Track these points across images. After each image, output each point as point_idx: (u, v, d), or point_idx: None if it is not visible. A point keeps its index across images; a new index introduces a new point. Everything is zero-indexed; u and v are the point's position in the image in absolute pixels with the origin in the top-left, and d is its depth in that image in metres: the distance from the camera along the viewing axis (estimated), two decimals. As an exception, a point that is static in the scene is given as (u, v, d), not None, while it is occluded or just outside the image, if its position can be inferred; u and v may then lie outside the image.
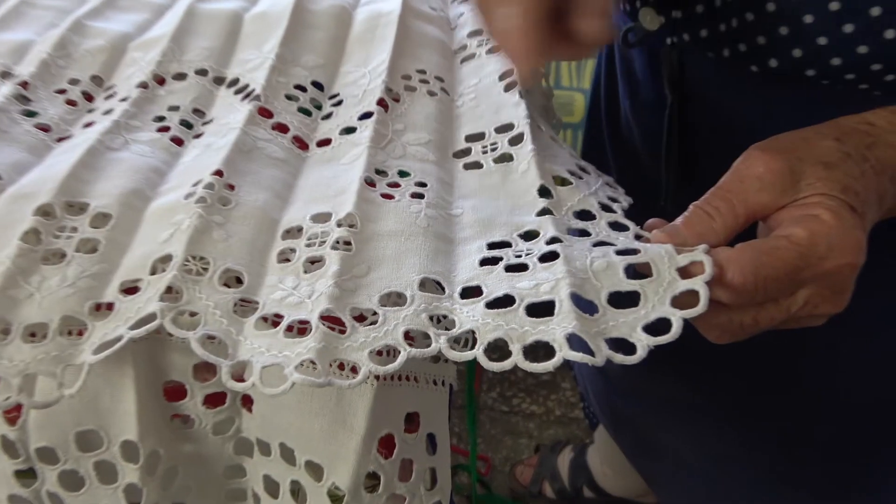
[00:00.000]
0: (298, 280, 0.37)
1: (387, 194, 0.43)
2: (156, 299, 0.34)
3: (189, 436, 0.39)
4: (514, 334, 0.33)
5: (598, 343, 0.32)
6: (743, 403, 0.73)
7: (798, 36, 0.48)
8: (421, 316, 0.35)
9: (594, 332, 0.32)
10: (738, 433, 0.75)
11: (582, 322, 0.32)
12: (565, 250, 0.37)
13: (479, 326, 0.33)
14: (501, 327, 0.33)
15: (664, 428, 0.84)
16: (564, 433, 1.33)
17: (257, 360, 0.33)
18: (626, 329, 0.33)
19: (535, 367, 0.31)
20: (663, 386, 0.79)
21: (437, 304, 0.35)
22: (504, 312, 0.34)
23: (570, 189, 0.44)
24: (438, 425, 0.41)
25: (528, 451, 1.31)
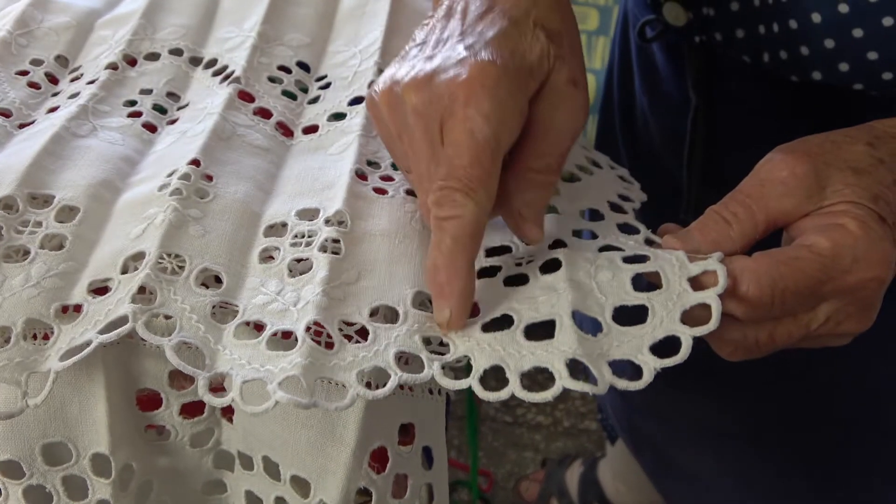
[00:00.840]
0: (283, 284, 0.37)
1: (379, 189, 0.43)
2: (127, 301, 0.35)
3: (165, 448, 0.39)
4: (511, 361, 0.33)
5: (601, 368, 0.32)
6: (771, 426, 0.73)
7: (846, 50, 0.48)
8: (414, 337, 0.35)
9: (597, 355, 0.33)
10: (766, 457, 0.76)
11: (583, 345, 0.33)
12: (568, 257, 0.37)
13: (475, 352, 0.34)
14: (498, 353, 0.34)
15: (687, 449, 0.85)
16: (573, 446, 1.34)
17: (237, 373, 0.33)
18: (632, 350, 0.33)
19: (533, 397, 0.32)
20: (687, 406, 0.79)
21: (431, 325, 0.36)
22: (501, 336, 0.34)
23: (579, 186, 0.44)
24: (435, 437, 0.41)
25: (534, 465, 1.31)
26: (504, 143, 0.35)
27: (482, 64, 0.35)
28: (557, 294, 0.35)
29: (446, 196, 0.35)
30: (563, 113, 0.37)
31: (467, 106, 0.34)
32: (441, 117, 0.35)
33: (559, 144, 0.38)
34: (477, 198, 0.34)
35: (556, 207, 0.42)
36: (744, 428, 0.76)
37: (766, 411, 0.73)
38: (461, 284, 0.35)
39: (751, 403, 0.74)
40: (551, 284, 0.36)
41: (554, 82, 0.37)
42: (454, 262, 0.35)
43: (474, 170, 0.34)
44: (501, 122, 0.35)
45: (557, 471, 1.25)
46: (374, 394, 0.33)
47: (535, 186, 0.37)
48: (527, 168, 0.37)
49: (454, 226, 0.35)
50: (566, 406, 1.37)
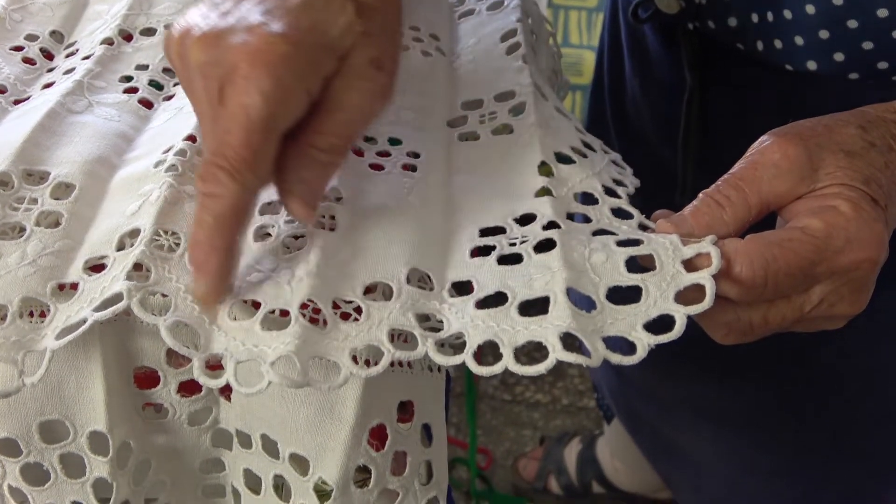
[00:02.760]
0: (277, 261, 0.37)
1: (376, 164, 0.43)
2: (122, 278, 0.34)
3: (163, 426, 0.39)
4: (505, 336, 0.33)
5: (595, 342, 0.32)
6: (771, 411, 0.74)
7: (841, 40, 0.48)
8: (407, 314, 0.35)
9: (591, 331, 0.33)
10: (765, 442, 0.76)
11: (577, 320, 0.33)
12: (563, 238, 0.37)
13: (469, 328, 0.34)
14: (492, 329, 0.34)
15: (686, 433, 0.85)
16: (572, 424, 1.34)
17: (232, 353, 0.33)
18: (626, 327, 0.33)
19: (526, 370, 0.32)
20: (686, 390, 0.80)
21: (425, 302, 0.36)
22: (495, 312, 0.34)
23: (573, 168, 0.44)
24: (434, 415, 0.41)
25: (533, 443, 1.32)
26: (282, 123, 0.33)
27: (271, 37, 0.32)
28: (552, 272, 0.35)
29: (211, 173, 0.33)
30: (358, 95, 0.35)
31: (247, 80, 0.32)
32: (222, 83, 0.33)
33: (347, 126, 0.36)
34: (242, 180, 0.33)
35: (549, 189, 0.42)
36: (743, 413, 0.76)
37: (766, 396, 0.73)
38: (217, 263, 0.34)
39: (750, 389, 0.74)
40: (545, 263, 0.36)
41: (354, 61, 0.35)
42: (212, 240, 0.34)
43: (244, 150, 0.33)
44: (281, 102, 0.33)
45: (556, 448, 1.25)
46: (367, 372, 0.33)
47: (313, 164, 0.36)
48: (309, 144, 0.35)
49: (216, 205, 0.33)
50: (565, 384, 1.38)
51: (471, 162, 0.46)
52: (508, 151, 0.45)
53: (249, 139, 0.32)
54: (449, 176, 0.44)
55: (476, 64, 0.52)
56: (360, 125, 0.37)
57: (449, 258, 0.39)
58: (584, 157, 0.45)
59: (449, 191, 0.43)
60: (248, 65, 0.32)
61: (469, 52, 0.53)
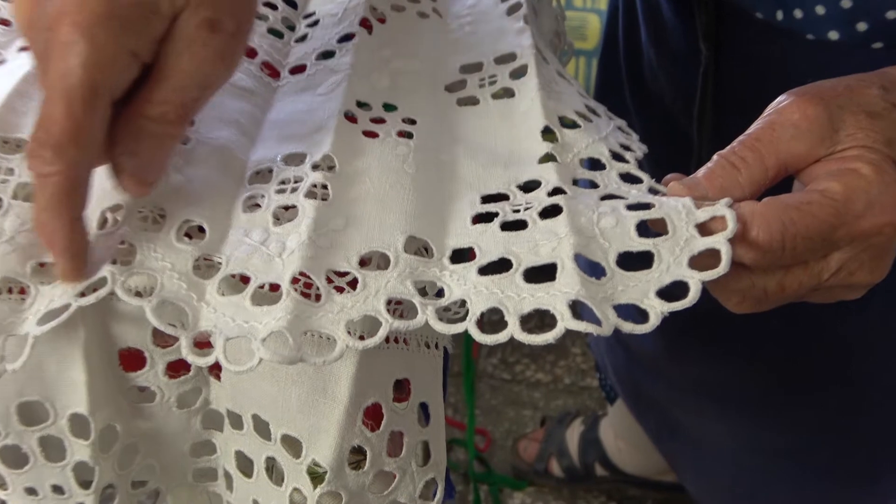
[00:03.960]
0: (267, 233, 0.37)
1: (370, 132, 0.43)
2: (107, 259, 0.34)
3: (150, 410, 0.39)
4: (509, 303, 0.33)
5: (605, 310, 0.32)
6: (779, 388, 0.74)
7: (865, 9, 0.48)
8: (405, 282, 0.35)
9: (601, 298, 0.33)
10: (772, 421, 0.76)
11: (587, 287, 0.33)
12: (569, 203, 0.37)
13: (471, 295, 0.34)
14: (496, 295, 0.34)
15: (691, 411, 0.85)
16: (574, 404, 1.35)
17: (221, 330, 0.33)
18: (638, 294, 0.33)
19: (533, 339, 0.32)
20: (692, 368, 0.80)
21: (424, 270, 0.36)
22: (499, 279, 0.34)
23: (578, 132, 0.44)
24: (432, 393, 0.41)
25: (533, 423, 1.32)
26: (105, 90, 0.32)
27: None
28: (558, 238, 0.35)
29: (36, 150, 0.32)
30: (189, 60, 0.33)
31: (65, 46, 0.31)
32: (45, 45, 0.32)
33: (179, 93, 0.34)
34: (68, 155, 0.31)
35: (553, 155, 0.42)
36: (750, 392, 0.76)
37: (774, 376, 0.73)
38: (63, 243, 0.33)
39: (758, 367, 0.74)
40: (552, 229, 0.36)
41: (183, 22, 0.33)
42: (52, 220, 0.33)
43: (67, 122, 0.31)
44: (101, 67, 0.31)
45: (557, 429, 1.26)
46: (363, 344, 0.33)
47: (145, 136, 0.34)
48: (138, 114, 0.34)
49: (46, 184, 0.32)
50: (567, 363, 1.38)
51: (470, 128, 0.45)
52: (510, 116, 0.45)
53: (71, 109, 0.31)
54: (447, 142, 0.44)
55: (475, 25, 0.51)
56: (195, 92, 0.35)
57: (449, 226, 0.38)
58: (590, 122, 0.45)
59: (447, 158, 0.43)
60: (65, 28, 0.31)
61: (467, 13, 0.52)
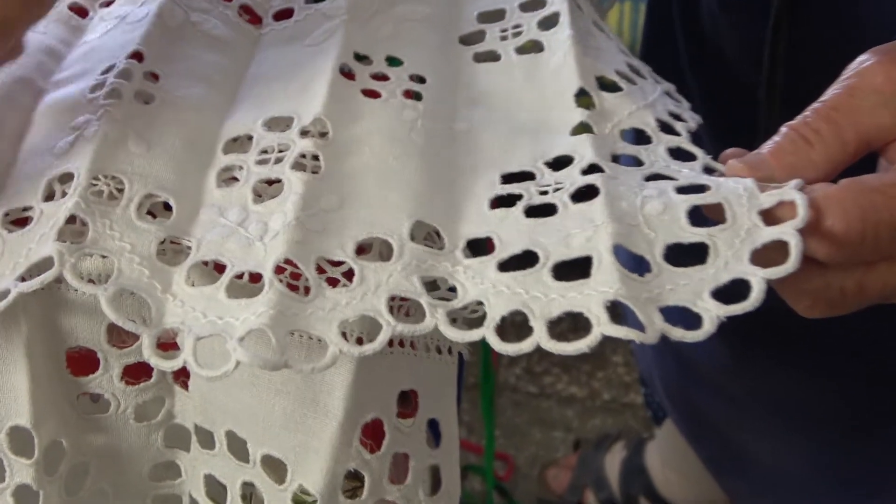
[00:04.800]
0: (246, 212, 0.37)
1: (370, 90, 0.43)
2: (52, 236, 0.34)
3: (103, 422, 0.39)
4: (535, 305, 0.33)
5: (650, 313, 0.32)
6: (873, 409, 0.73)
7: None
8: (411, 278, 0.35)
9: (645, 299, 0.33)
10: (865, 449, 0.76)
11: (628, 285, 0.33)
12: (607, 184, 0.37)
13: (489, 295, 0.34)
14: (519, 296, 0.33)
15: (760, 435, 0.85)
16: (614, 424, 1.35)
17: (190, 327, 0.33)
18: (689, 294, 0.33)
19: (564, 348, 0.32)
20: (760, 378, 0.79)
21: (434, 263, 0.36)
22: (523, 276, 0.34)
23: (620, 97, 0.43)
24: (444, 409, 0.41)
25: (565, 447, 1.33)
26: None
27: None
28: (594, 226, 0.35)
29: None
30: None
31: None
32: None
33: None
34: None
35: (589, 125, 0.42)
36: (833, 412, 0.76)
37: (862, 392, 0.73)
38: None
39: (842, 382, 0.73)
40: (586, 215, 0.36)
41: None
42: None
43: None
44: None
45: (594, 455, 1.26)
46: (361, 350, 0.33)
47: None
48: None
49: None
50: (606, 374, 1.38)
51: (490, 89, 0.45)
52: (537, 75, 0.45)
53: None
54: (462, 107, 0.44)
55: (496, -37, 0.51)
56: None
57: (463, 210, 0.38)
58: (633, 85, 0.45)
59: (462, 126, 0.43)
60: None
61: (487, -51, 0.52)
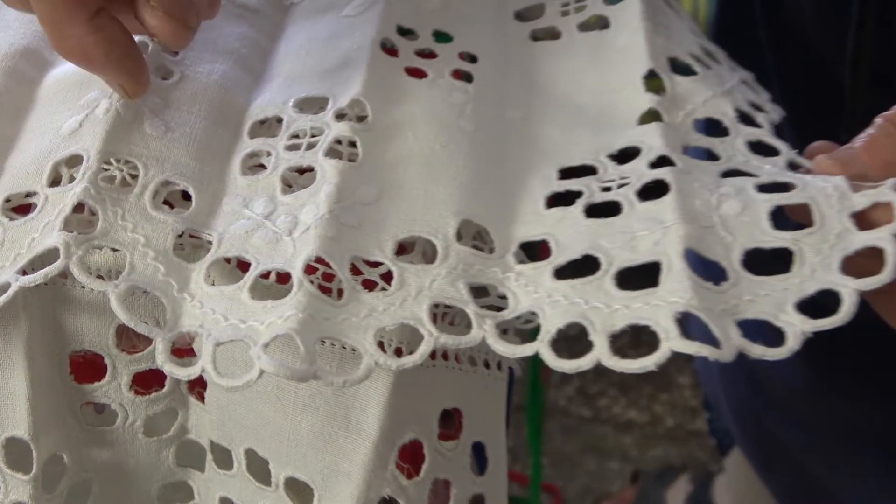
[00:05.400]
0: (274, 204, 0.37)
1: (415, 69, 0.43)
2: (58, 226, 0.35)
3: (109, 436, 0.40)
4: (596, 317, 0.33)
5: (726, 327, 0.32)
6: None
7: None
8: (457, 283, 0.35)
9: (720, 311, 0.33)
10: None
11: (701, 295, 0.33)
12: (679, 179, 0.37)
13: (544, 306, 0.34)
14: (577, 307, 0.34)
15: (845, 469, 0.84)
16: (679, 455, 1.35)
17: (210, 331, 0.33)
18: (770, 306, 0.33)
19: (627, 366, 0.32)
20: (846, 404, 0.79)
21: (482, 269, 0.36)
22: (582, 284, 0.34)
23: (694, 82, 0.44)
24: (491, 431, 0.41)
25: (622, 479, 1.32)
26: None
27: None
28: (664, 228, 0.35)
29: None
30: None
31: None
32: None
33: None
34: None
35: (658, 112, 0.42)
36: None
37: None
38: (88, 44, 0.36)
39: None
40: (654, 215, 0.36)
41: None
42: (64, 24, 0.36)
43: None
44: None
45: (655, 489, 1.26)
46: (399, 362, 0.33)
47: None
48: None
49: None
50: (670, 397, 1.38)
51: (548, 71, 0.46)
52: (602, 55, 0.45)
53: None
54: (517, 91, 0.44)
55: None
56: None
57: (516, 208, 0.39)
58: (708, 69, 0.45)
59: (516, 114, 0.43)
60: None
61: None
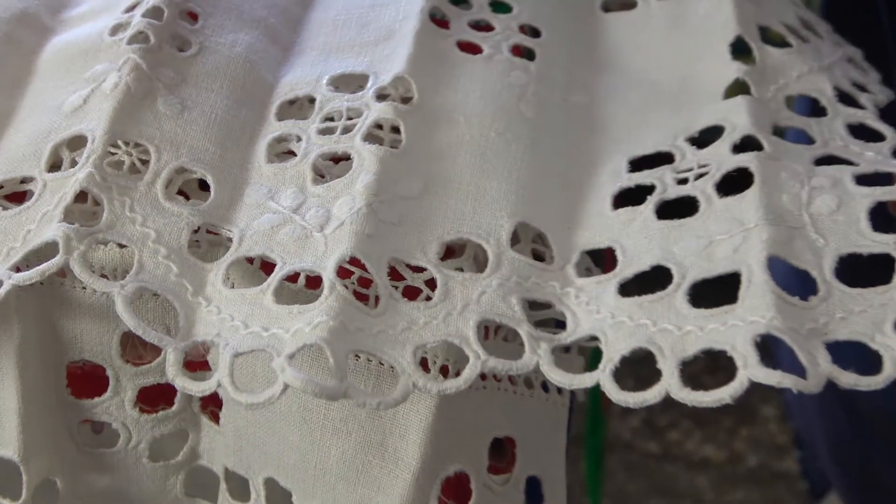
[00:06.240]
0: (304, 195, 0.38)
1: (469, 43, 0.43)
2: (57, 217, 0.35)
3: (109, 459, 0.40)
4: (665, 341, 0.33)
5: (814, 351, 0.32)
6: None
7: None
8: (509, 298, 0.35)
9: (807, 332, 0.33)
10: None
11: (785, 314, 0.33)
12: (764, 168, 0.37)
13: (608, 329, 0.34)
14: (644, 329, 0.34)
15: None
16: (763, 498, 1.34)
17: (228, 341, 0.33)
18: (866, 325, 0.33)
19: (699, 399, 0.32)
20: None
21: (538, 282, 0.36)
22: (651, 302, 0.34)
23: (788, 54, 0.44)
24: (548, 464, 0.41)
25: (694, 527, 1.32)
26: None
27: None
28: (744, 230, 0.35)
29: None
30: None
31: None
32: None
33: None
34: None
35: (747, 84, 0.42)
36: None
37: None
38: None
39: None
40: (734, 213, 0.36)
41: None
42: None
43: None
44: None
45: (733, 539, 1.25)
46: (441, 386, 0.33)
47: None
48: None
49: None
50: (752, 432, 1.37)
51: (621, 45, 0.46)
52: (683, 25, 0.46)
53: None
54: (585, 71, 0.45)
55: None
56: None
57: (579, 210, 0.39)
58: (805, 42, 0.45)
59: (583, 98, 0.44)
60: None
61: None
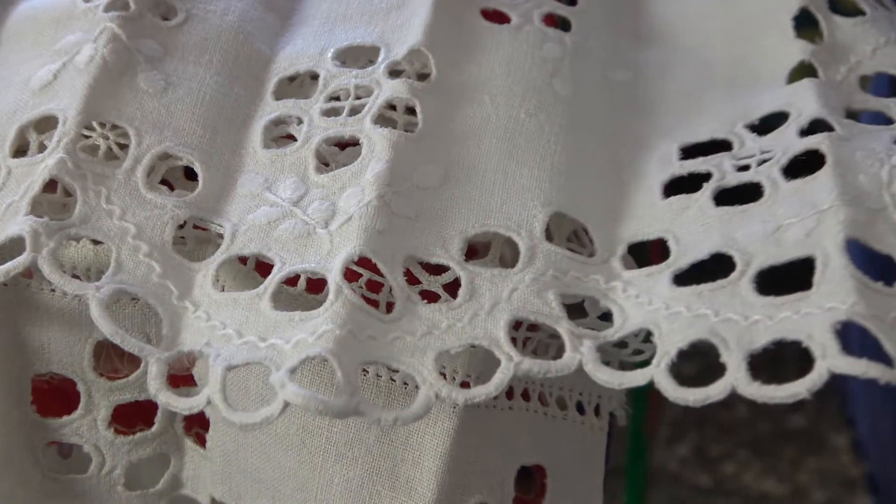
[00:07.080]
0: (305, 186, 0.38)
1: (495, 11, 0.44)
2: (23, 209, 0.36)
3: (78, 487, 0.41)
4: (730, 332, 0.33)
5: None
6: None
7: None
8: (546, 294, 0.36)
9: (892, 320, 0.33)
10: None
11: (869, 299, 0.33)
12: (837, 150, 0.38)
13: (661, 322, 0.35)
14: (705, 319, 0.34)
15: None
16: (830, 541, 1.34)
17: (219, 352, 0.34)
18: None
19: (771, 394, 0.32)
20: None
21: (579, 276, 0.37)
22: (711, 290, 0.35)
23: (861, 25, 0.44)
24: (583, 496, 0.42)
25: (751, 573, 1.32)
26: None
27: None
28: (818, 213, 0.36)
29: None
30: None
31: None
32: None
33: None
34: None
35: (813, 66, 0.43)
36: None
37: None
38: None
39: None
40: (805, 196, 0.36)
41: None
42: None
43: None
44: None
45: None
46: (468, 394, 0.33)
47: None
48: None
49: None
50: (820, 463, 1.37)
51: (668, 16, 0.47)
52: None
53: None
54: (627, 45, 0.46)
55: None
56: None
57: (624, 199, 0.40)
58: (879, 11, 0.45)
59: (624, 75, 0.44)
60: None
61: None
